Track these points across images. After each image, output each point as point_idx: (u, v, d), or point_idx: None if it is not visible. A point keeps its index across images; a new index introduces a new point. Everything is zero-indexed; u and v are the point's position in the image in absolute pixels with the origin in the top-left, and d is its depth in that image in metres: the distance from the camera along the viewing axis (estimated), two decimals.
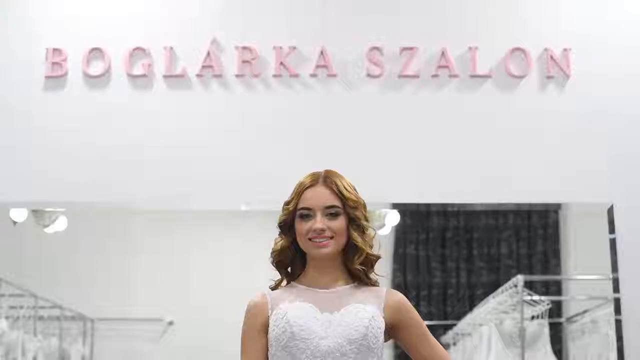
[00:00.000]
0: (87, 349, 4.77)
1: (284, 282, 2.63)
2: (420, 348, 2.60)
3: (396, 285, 4.69)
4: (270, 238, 2.66)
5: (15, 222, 4.48)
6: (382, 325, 2.51)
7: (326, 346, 2.45)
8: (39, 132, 4.27)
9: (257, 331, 2.53)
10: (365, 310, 2.49)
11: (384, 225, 4.64)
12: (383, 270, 2.68)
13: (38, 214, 4.55)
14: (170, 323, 4.68)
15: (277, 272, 2.64)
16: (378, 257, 2.61)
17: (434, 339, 2.63)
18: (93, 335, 4.77)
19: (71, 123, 4.27)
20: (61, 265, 4.73)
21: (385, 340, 2.56)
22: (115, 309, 4.74)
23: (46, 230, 4.60)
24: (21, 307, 4.65)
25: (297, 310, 2.48)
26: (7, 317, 4.60)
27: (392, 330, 2.59)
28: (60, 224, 4.61)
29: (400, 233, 4.81)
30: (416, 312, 2.62)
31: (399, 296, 2.62)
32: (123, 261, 4.77)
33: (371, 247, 2.59)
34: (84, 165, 4.21)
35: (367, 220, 2.59)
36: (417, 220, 4.83)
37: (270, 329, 2.49)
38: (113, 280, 4.77)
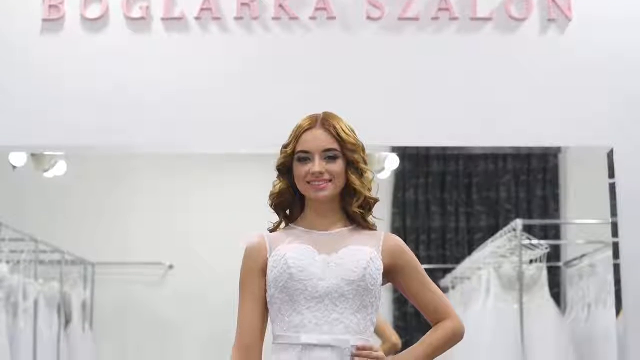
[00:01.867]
0: (87, 293, 4.80)
1: (283, 225, 2.64)
2: (418, 292, 2.61)
3: (395, 230, 4.70)
4: (269, 181, 2.66)
5: (14, 167, 4.47)
6: (381, 267, 2.52)
7: (324, 287, 2.46)
8: (37, 75, 4.25)
9: (255, 273, 2.54)
10: (363, 252, 2.50)
11: (384, 169, 4.64)
12: (382, 214, 2.69)
13: (37, 159, 4.55)
14: (171, 267, 4.70)
15: (276, 215, 2.65)
16: (376, 201, 2.61)
17: (433, 282, 2.64)
18: (94, 279, 4.79)
19: (70, 67, 4.25)
20: (61, 209, 4.74)
21: (383, 284, 2.56)
22: (116, 253, 4.76)
23: (46, 175, 4.60)
24: (22, 252, 4.66)
25: (295, 252, 2.49)
26: (7, 262, 4.62)
27: (389, 274, 2.60)
28: (60, 169, 4.61)
29: (400, 177, 4.81)
30: (414, 256, 2.63)
31: (397, 240, 2.62)
32: (123, 205, 4.78)
33: (370, 190, 2.59)
34: (83, 108, 4.19)
35: (365, 163, 2.59)
36: (417, 164, 4.82)
37: (268, 271, 2.50)
38: (113, 224, 4.78)
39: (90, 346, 4.77)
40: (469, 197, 4.83)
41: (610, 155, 4.16)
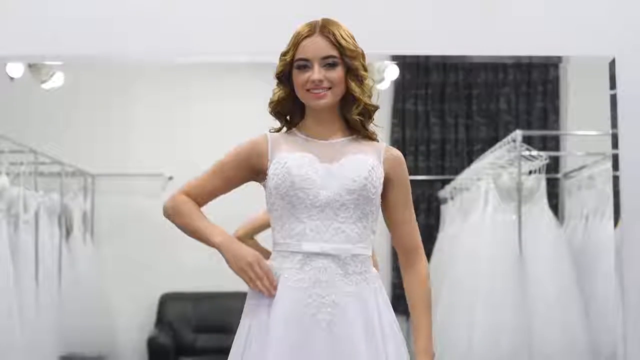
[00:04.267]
0: (87, 204, 4.83)
1: (284, 130, 2.63)
2: (398, 210, 2.58)
3: (394, 141, 4.71)
4: (269, 91, 2.64)
5: (12, 78, 4.45)
6: (381, 176, 2.52)
7: (325, 196, 2.46)
8: None
9: (242, 161, 2.56)
10: (364, 161, 2.50)
11: (383, 80, 4.62)
12: (381, 125, 2.67)
13: (35, 69, 4.52)
14: (170, 178, 4.71)
15: (276, 122, 2.64)
16: (376, 108, 2.59)
17: (414, 212, 2.60)
18: (94, 190, 4.81)
19: None
20: (60, 121, 4.73)
21: None
22: (115, 164, 4.77)
23: (43, 86, 4.58)
24: (21, 164, 4.67)
25: (297, 160, 2.48)
26: (7, 173, 4.63)
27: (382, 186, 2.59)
28: (58, 80, 4.58)
29: (399, 88, 4.80)
30: (408, 177, 2.62)
31: (399, 153, 2.61)
32: (122, 117, 4.78)
33: (370, 97, 2.57)
34: (81, 17, 4.14)
35: (365, 70, 2.56)
36: (417, 75, 4.80)
37: (269, 178, 2.50)
38: (112, 136, 4.78)
39: (91, 256, 4.82)
40: (469, 108, 4.83)
41: (611, 66, 4.12)
